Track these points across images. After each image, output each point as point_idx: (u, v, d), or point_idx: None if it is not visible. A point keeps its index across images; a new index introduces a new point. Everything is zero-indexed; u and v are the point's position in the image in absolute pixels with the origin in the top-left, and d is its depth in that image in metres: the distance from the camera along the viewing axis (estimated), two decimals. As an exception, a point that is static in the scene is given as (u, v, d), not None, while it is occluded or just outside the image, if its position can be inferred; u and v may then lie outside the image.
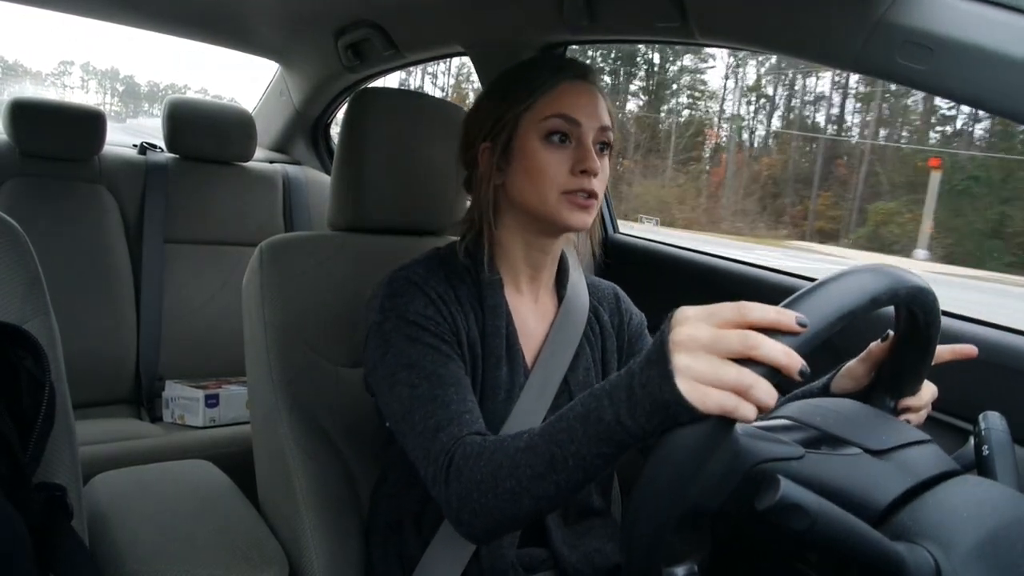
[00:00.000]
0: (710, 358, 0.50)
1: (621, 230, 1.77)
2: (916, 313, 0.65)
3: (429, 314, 0.82)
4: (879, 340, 0.78)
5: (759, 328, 0.50)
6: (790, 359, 0.49)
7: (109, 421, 1.74)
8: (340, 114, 2.28)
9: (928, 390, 0.76)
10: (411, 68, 1.95)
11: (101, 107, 2.00)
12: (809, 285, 0.54)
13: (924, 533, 0.54)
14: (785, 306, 0.52)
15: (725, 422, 0.50)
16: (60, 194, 1.84)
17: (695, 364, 0.51)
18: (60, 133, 1.84)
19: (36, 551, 0.65)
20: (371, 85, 1.98)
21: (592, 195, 0.84)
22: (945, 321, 0.72)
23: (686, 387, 0.51)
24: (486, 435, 0.74)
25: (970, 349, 0.76)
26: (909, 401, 0.74)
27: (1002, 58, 0.79)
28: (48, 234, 1.78)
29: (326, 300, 1.04)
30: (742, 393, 0.49)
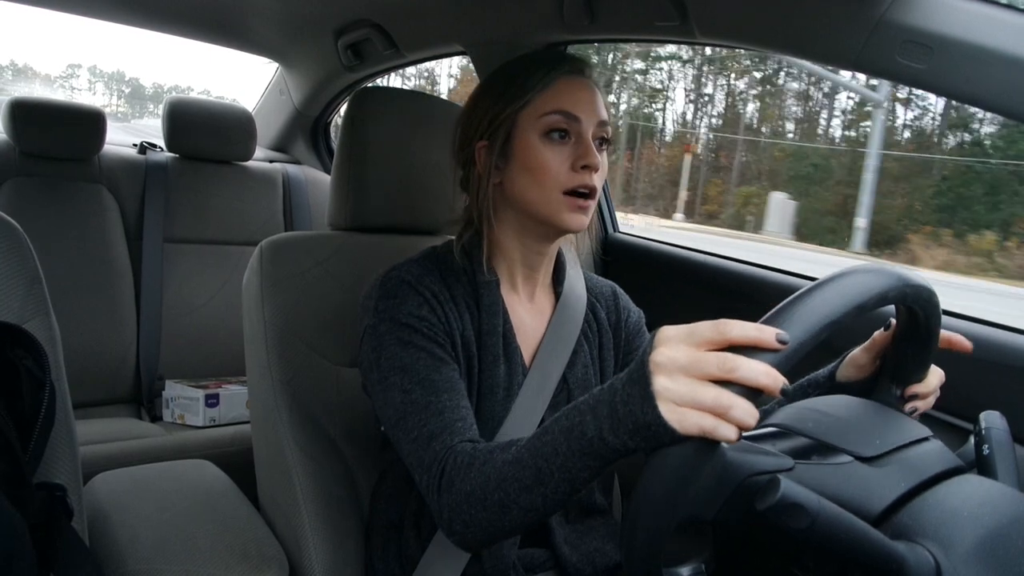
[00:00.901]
0: (689, 380, 0.50)
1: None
2: (915, 310, 0.65)
3: (423, 315, 0.82)
4: (882, 329, 0.77)
5: (740, 346, 0.50)
6: (770, 379, 0.49)
7: (109, 421, 1.74)
8: (340, 113, 2.28)
9: (935, 375, 0.75)
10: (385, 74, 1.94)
11: (108, 108, 1.99)
12: (795, 294, 0.54)
13: (924, 532, 0.54)
14: (767, 319, 0.52)
15: (708, 442, 0.50)
16: (60, 194, 1.84)
17: (674, 386, 0.51)
18: (60, 133, 1.84)
19: (36, 550, 0.65)
20: (371, 84, 1.98)
21: (592, 193, 0.84)
22: (945, 320, 0.72)
23: (665, 409, 0.51)
24: (478, 442, 0.74)
25: (965, 343, 0.75)
26: (916, 388, 0.73)
27: (1002, 57, 0.79)
28: (48, 234, 1.78)
29: (326, 299, 1.04)
30: (721, 414, 0.49)
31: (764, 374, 0.49)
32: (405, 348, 0.80)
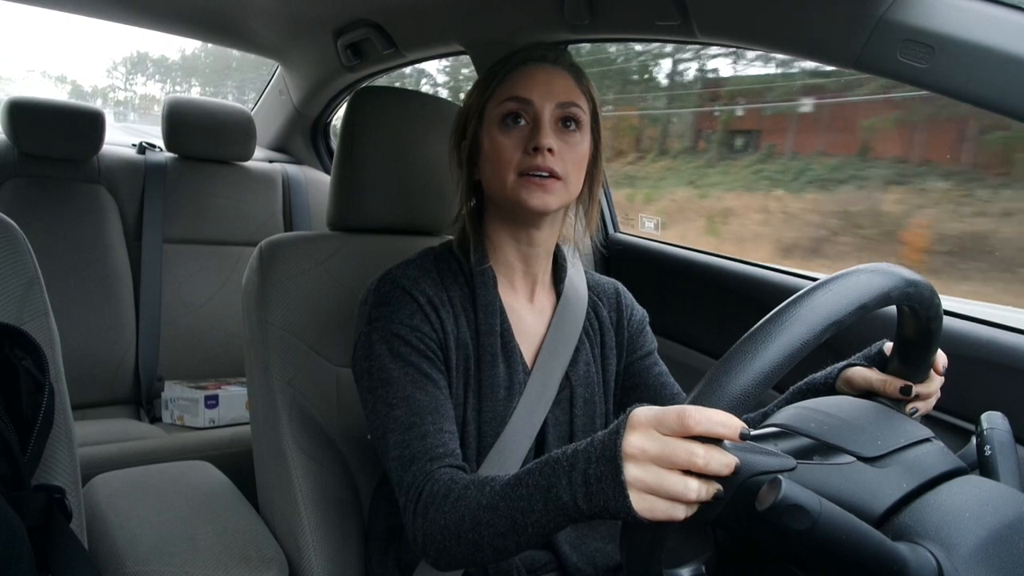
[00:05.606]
0: (658, 470, 0.53)
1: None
2: (917, 310, 0.65)
3: (415, 324, 0.83)
4: (876, 353, 0.78)
5: (705, 437, 0.52)
6: (729, 469, 0.52)
7: (108, 422, 1.73)
8: (340, 113, 2.27)
9: (936, 377, 0.75)
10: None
11: None
12: (798, 294, 0.54)
13: (926, 533, 0.53)
14: (770, 319, 0.53)
15: None
16: (59, 194, 1.83)
17: (644, 476, 0.54)
18: (59, 133, 1.83)
19: (35, 552, 0.64)
20: (371, 84, 1.98)
21: (552, 174, 0.83)
22: (946, 321, 0.72)
23: (635, 498, 0.54)
24: (457, 468, 0.76)
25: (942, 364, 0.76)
26: (917, 388, 0.74)
27: (1002, 56, 0.79)
28: (47, 234, 1.78)
29: (326, 300, 1.04)
30: (683, 501, 0.53)
31: (725, 466, 0.52)
32: (395, 360, 0.81)
